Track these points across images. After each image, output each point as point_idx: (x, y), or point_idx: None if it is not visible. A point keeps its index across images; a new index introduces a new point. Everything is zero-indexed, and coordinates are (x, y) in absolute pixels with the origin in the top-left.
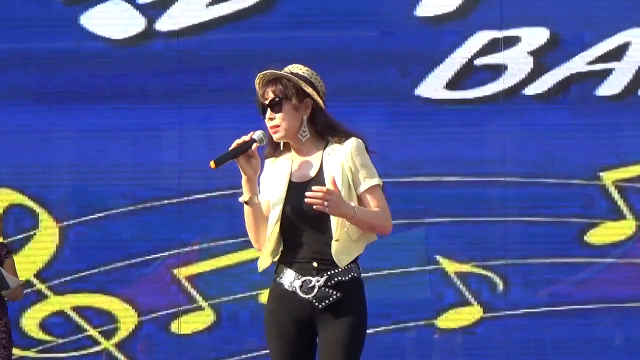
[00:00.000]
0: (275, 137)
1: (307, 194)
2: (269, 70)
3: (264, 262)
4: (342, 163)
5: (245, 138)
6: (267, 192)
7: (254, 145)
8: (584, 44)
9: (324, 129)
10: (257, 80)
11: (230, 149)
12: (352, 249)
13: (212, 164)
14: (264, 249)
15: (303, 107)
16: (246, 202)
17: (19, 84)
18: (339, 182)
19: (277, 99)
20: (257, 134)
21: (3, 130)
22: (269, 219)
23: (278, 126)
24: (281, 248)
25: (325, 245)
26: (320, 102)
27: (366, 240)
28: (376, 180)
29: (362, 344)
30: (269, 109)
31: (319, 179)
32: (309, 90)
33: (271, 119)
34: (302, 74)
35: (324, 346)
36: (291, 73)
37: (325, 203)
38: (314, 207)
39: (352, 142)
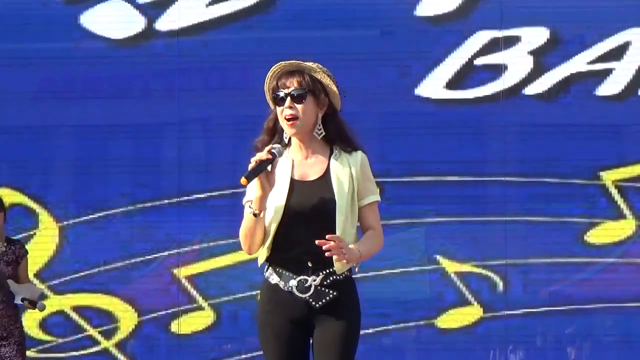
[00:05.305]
0: (290, 129)
1: (318, 242)
2: (296, 61)
3: (264, 255)
4: (350, 172)
5: (264, 155)
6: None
7: (276, 160)
8: (584, 44)
9: (335, 132)
10: (275, 69)
11: (252, 165)
12: None
13: (243, 180)
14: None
15: (321, 104)
16: (255, 215)
17: (19, 83)
18: (347, 190)
19: (302, 90)
20: (276, 149)
21: (3, 129)
22: (267, 213)
23: (297, 118)
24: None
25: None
26: (339, 103)
27: None
28: (377, 197)
29: (357, 341)
30: (289, 99)
31: (325, 180)
32: (334, 88)
33: (290, 108)
34: (325, 72)
35: (320, 344)
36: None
37: (344, 253)
38: (335, 258)
39: (363, 155)
